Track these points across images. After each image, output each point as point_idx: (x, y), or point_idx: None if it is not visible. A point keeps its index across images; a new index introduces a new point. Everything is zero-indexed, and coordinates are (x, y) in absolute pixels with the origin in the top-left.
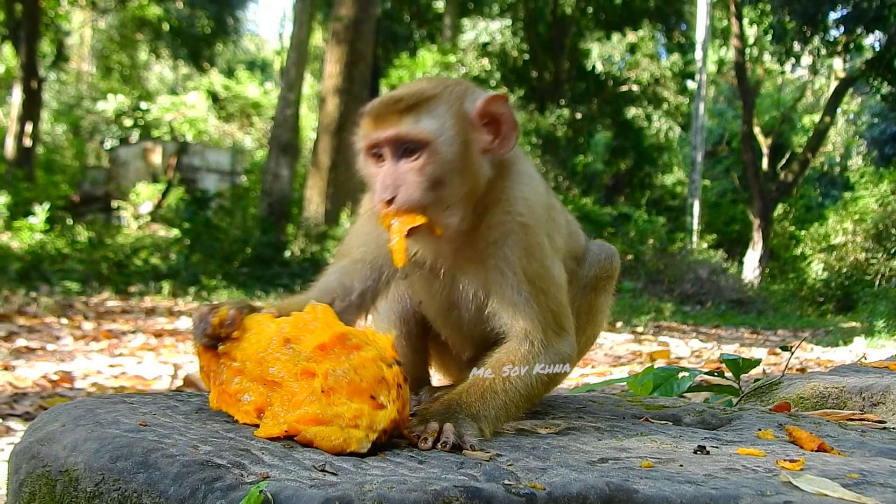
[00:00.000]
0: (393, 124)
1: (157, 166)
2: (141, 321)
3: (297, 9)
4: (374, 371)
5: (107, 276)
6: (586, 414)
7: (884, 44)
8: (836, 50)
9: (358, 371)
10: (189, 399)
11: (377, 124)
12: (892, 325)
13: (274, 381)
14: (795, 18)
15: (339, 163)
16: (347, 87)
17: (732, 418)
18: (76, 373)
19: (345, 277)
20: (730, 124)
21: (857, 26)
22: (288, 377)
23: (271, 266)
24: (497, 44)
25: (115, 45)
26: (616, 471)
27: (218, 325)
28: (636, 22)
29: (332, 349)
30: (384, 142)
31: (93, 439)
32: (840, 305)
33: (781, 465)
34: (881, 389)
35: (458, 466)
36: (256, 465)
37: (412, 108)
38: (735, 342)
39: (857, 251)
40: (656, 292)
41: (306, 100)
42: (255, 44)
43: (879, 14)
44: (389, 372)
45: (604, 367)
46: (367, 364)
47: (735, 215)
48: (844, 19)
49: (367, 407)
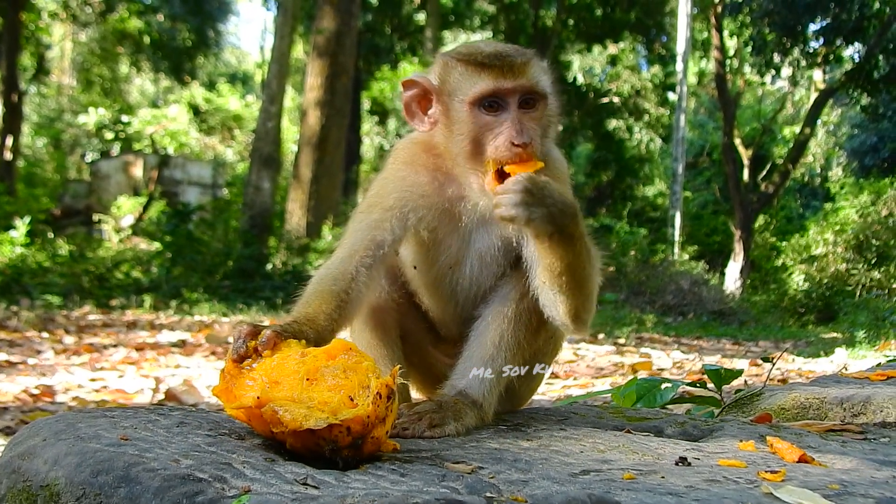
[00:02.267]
0: (522, 75)
1: (138, 179)
2: (122, 335)
3: (279, 21)
4: (361, 377)
5: (88, 290)
6: (568, 426)
7: (863, 55)
8: (815, 61)
9: (346, 372)
10: (170, 413)
11: (502, 74)
12: (873, 335)
13: (275, 381)
14: (775, 30)
15: (320, 175)
16: (329, 100)
17: (714, 429)
18: (57, 387)
19: (375, 232)
20: (711, 136)
21: (836, 38)
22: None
23: (253, 279)
24: None
25: (96, 58)
26: (598, 482)
27: (253, 348)
28: (617, 34)
29: (337, 356)
30: (512, 91)
31: (74, 454)
32: (821, 316)
33: (763, 476)
34: (862, 400)
35: (440, 479)
36: (238, 478)
37: (532, 63)
38: (717, 353)
39: (837, 262)
40: (638, 304)
41: (288, 112)
42: (236, 56)
43: (859, 25)
44: (376, 382)
45: (586, 379)
46: (358, 370)
47: (716, 226)
48: (824, 31)
49: (339, 398)
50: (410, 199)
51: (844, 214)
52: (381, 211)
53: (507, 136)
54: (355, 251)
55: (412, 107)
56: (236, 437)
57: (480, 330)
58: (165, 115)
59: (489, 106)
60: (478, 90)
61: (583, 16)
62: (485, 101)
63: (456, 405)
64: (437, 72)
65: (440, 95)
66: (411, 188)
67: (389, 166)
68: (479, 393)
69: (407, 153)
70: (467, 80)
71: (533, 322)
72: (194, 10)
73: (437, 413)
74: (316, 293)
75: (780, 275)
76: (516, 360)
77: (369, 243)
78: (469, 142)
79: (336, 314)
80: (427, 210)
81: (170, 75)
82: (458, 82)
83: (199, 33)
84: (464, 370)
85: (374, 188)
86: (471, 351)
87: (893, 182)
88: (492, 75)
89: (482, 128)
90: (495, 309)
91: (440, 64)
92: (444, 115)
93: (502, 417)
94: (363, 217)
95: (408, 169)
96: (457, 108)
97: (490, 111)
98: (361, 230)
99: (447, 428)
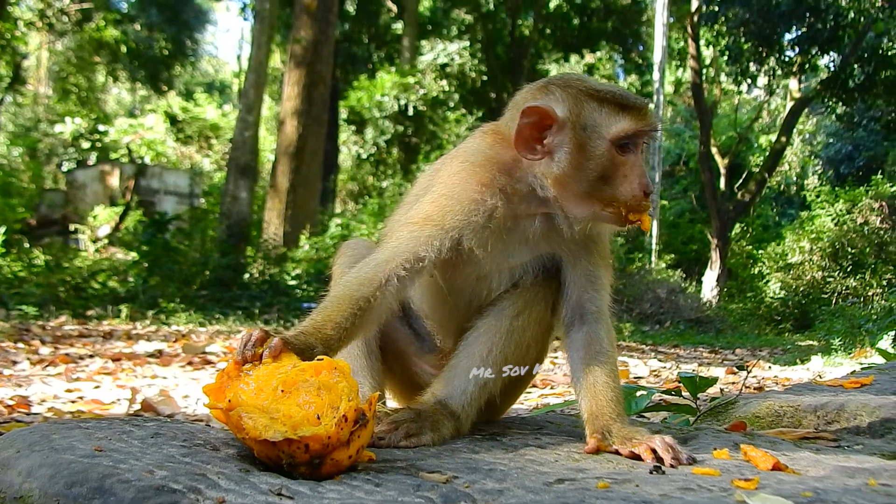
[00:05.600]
0: (654, 119)
1: (114, 189)
2: (99, 345)
3: (256, 31)
4: (333, 397)
5: (64, 300)
6: (544, 435)
7: (838, 64)
8: (791, 70)
9: (321, 390)
10: (145, 424)
11: (643, 117)
12: (848, 343)
13: (261, 388)
14: (751, 39)
15: (297, 185)
16: (306, 109)
17: (689, 438)
18: (33, 398)
19: (422, 248)
20: (687, 144)
21: (812, 47)
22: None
23: (230, 288)
24: (456, 65)
25: (73, 68)
26: (573, 492)
27: (260, 354)
28: (594, 43)
29: (321, 371)
30: (645, 134)
31: (48, 465)
32: (797, 324)
33: (736, 484)
34: (836, 408)
35: (415, 489)
36: (212, 489)
37: (650, 108)
38: (694, 361)
39: (813, 270)
40: (615, 312)
41: (265, 122)
42: (213, 66)
43: (834, 35)
44: (346, 404)
45: (563, 388)
46: (334, 390)
47: (693, 235)
48: (799, 40)
49: (303, 414)
50: (477, 222)
51: (820, 223)
52: (437, 229)
53: (640, 183)
54: (393, 258)
55: (526, 134)
56: (211, 448)
57: (471, 341)
58: (142, 125)
59: (623, 146)
60: (620, 129)
61: (560, 25)
62: (623, 140)
63: (434, 415)
64: (563, 103)
65: (572, 128)
66: (482, 212)
67: (462, 183)
68: (460, 404)
69: (486, 174)
70: (608, 117)
71: (525, 339)
72: (171, 20)
73: (414, 423)
74: (335, 297)
75: (756, 283)
76: (502, 375)
77: (410, 256)
78: (597, 178)
79: (348, 323)
80: (488, 230)
81: (147, 84)
82: (595, 118)
83: (176, 42)
84: (448, 379)
85: (434, 196)
86: (458, 360)
87: (869, 190)
88: (634, 116)
89: (614, 166)
90: (489, 322)
91: (567, 95)
92: (572, 148)
93: (478, 427)
94: (414, 229)
95: (485, 191)
96: (595, 143)
97: (622, 151)
98: (407, 241)
99: (423, 438)
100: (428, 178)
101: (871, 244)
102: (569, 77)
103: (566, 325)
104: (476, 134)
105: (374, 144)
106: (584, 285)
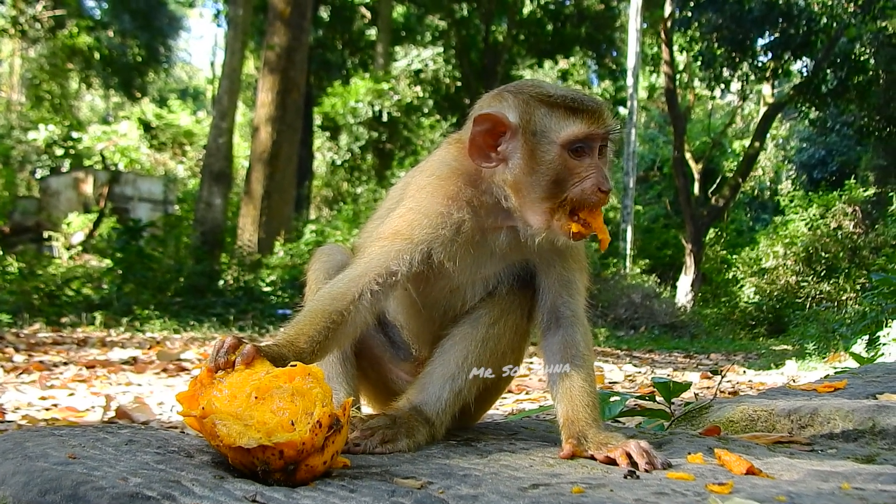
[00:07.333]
0: (608, 122)
1: (88, 196)
2: (73, 352)
3: (229, 37)
4: (307, 403)
5: (38, 307)
6: (518, 440)
7: (811, 69)
8: (764, 76)
9: (294, 396)
10: (119, 431)
11: (595, 120)
12: (822, 347)
13: (234, 395)
14: (724, 45)
15: (272, 191)
16: (280, 116)
17: (663, 442)
18: (7, 405)
19: (393, 262)
20: (661, 150)
21: (784, 52)
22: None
23: (205, 295)
24: (430, 71)
25: (46, 75)
26: (547, 497)
27: (232, 361)
28: (568, 49)
29: (295, 378)
30: (601, 137)
31: (21, 472)
32: (772, 328)
33: (710, 488)
34: (809, 412)
35: (390, 495)
36: (187, 496)
37: (608, 110)
38: (669, 366)
39: (787, 274)
40: (590, 317)
41: (239, 128)
42: (187, 72)
43: (807, 40)
44: (320, 410)
45: (538, 394)
46: (308, 396)
47: (667, 240)
48: (772, 45)
49: (278, 421)
50: (445, 235)
51: (794, 227)
52: (407, 243)
53: (594, 181)
54: (366, 273)
55: (479, 142)
56: (185, 455)
57: (446, 348)
58: (116, 132)
59: (576, 150)
60: (570, 133)
61: (533, 31)
62: (575, 144)
63: (409, 421)
64: (515, 110)
65: (523, 134)
66: (449, 225)
67: (428, 196)
68: (434, 411)
69: (451, 186)
70: (558, 121)
71: (500, 347)
72: (144, 26)
73: (389, 429)
74: (308, 311)
75: (730, 287)
76: (476, 381)
77: (382, 270)
78: (551, 182)
79: (321, 336)
80: (456, 243)
81: (120, 91)
82: (545, 123)
83: (150, 49)
84: (423, 385)
85: (402, 210)
86: (433, 367)
87: (842, 195)
88: (585, 120)
89: (568, 170)
90: (465, 330)
91: (518, 102)
92: (524, 154)
93: (453, 432)
94: (385, 244)
95: (451, 205)
96: (545, 148)
97: (576, 155)
98: (378, 256)
99: (399, 444)
100: (399, 191)
101: (844, 249)
102: (523, 83)
103: (542, 329)
104: (442, 145)
105: (348, 150)
106: (559, 290)
